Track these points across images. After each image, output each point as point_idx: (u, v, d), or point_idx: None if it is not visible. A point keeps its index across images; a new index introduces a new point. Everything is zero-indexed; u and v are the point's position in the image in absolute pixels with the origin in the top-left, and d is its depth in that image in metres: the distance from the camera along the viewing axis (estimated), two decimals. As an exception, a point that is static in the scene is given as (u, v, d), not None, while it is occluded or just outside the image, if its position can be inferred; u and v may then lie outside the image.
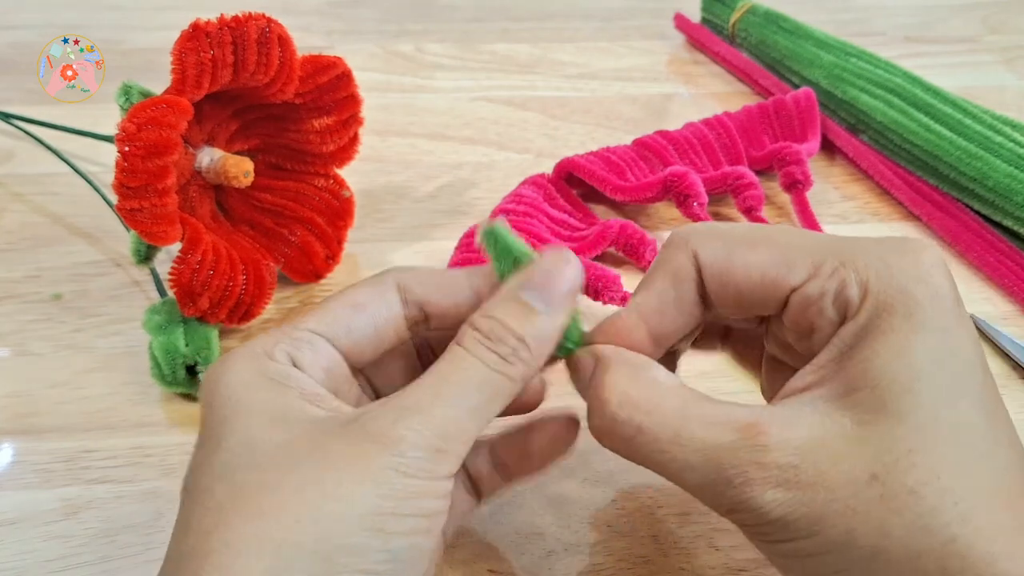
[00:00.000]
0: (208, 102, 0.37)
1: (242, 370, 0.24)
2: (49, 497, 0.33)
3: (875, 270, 0.23)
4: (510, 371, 0.24)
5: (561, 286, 0.25)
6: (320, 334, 0.25)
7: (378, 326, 0.26)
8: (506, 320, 0.24)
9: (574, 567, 0.31)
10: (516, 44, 0.62)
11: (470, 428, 0.23)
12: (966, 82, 0.59)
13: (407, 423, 0.22)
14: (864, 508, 0.22)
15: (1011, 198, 0.44)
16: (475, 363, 0.24)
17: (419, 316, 0.27)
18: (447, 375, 0.24)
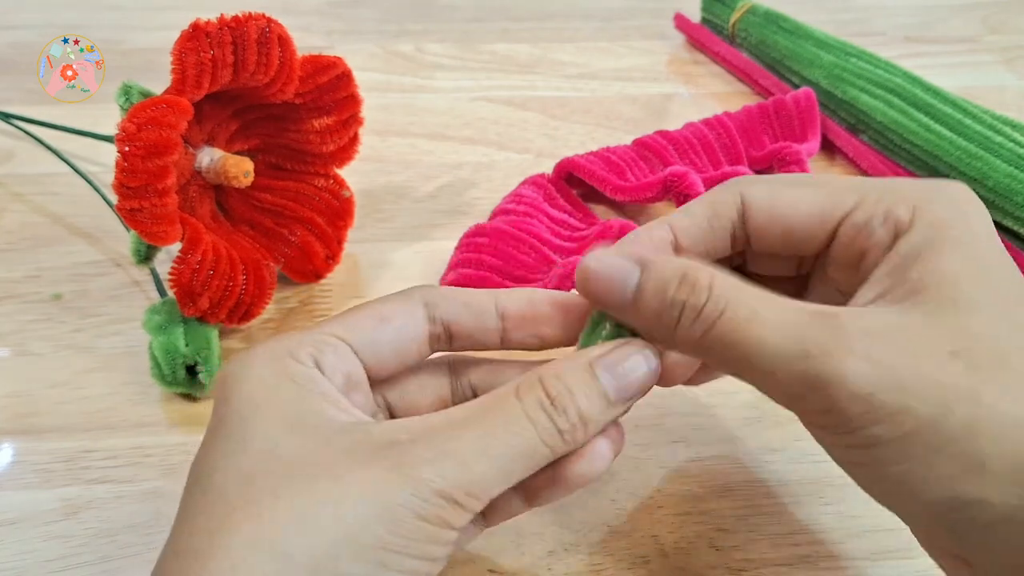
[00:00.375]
0: (208, 102, 0.37)
1: (264, 369, 0.24)
2: (49, 497, 0.33)
3: (921, 194, 0.24)
4: (558, 446, 0.23)
5: (636, 382, 0.24)
6: (344, 340, 0.25)
7: (402, 340, 0.26)
8: (576, 394, 0.24)
9: (574, 567, 0.31)
10: (516, 44, 0.62)
11: (496, 490, 0.23)
12: (966, 82, 0.59)
13: (442, 469, 0.22)
14: (952, 380, 0.21)
15: (1011, 198, 0.44)
16: (528, 428, 0.23)
17: (442, 334, 0.27)
18: (496, 430, 0.23)
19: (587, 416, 0.24)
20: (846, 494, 0.33)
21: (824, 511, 0.33)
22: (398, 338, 0.26)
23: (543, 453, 0.23)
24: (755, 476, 0.34)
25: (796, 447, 0.35)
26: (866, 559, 0.32)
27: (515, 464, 0.23)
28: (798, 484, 0.34)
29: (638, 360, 0.25)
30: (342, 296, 0.42)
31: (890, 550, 0.32)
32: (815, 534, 0.32)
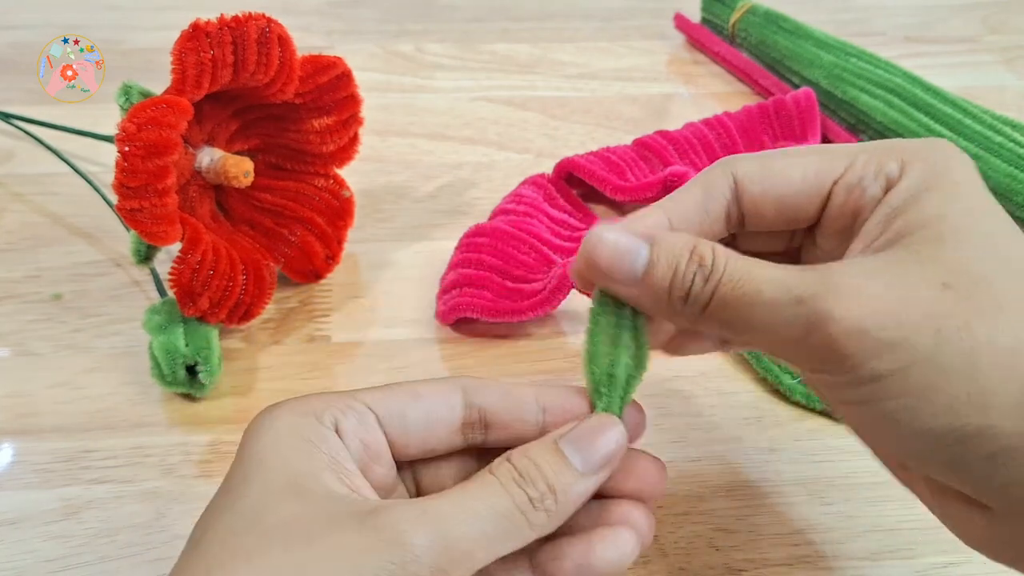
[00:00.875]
0: (208, 102, 0.37)
1: (282, 426, 0.24)
2: (49, 497, 0.33)
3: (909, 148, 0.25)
4: (532, 515, 0.23)
5: (601, 451, 0.25)
6: (371, 408, 0.25)
7: (432, 420, 0.26)
8: (542, 466, 0.24)
9: (574, 567, 0.31)
10: (516, 44, 0.62)
11: (477, 556, 0.23)
12: (966, 82, 0.59)
13: (419, 532, 0.22)
14: (946, 310, 0.21)
15: (1011, 198, 0.44)
16: (503, 494, 0.23)
17: (478, 422, 0.27)
18: (473, 494, 0.23)
19: (555, 486, 0.24)
20: (846, 494, 0.33)
21: (824, 511, 0.33)
22: (427, 416, 0.26)
23: (519, 522, 0.23)
24: (755, 476, 0.34)
25: (796, 447, 0.35)
26: (866, 559, 0.32)
27: (495, 528, 0.23)
28: (798, 484, 0.34)
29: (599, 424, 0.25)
30: (342, 296, 0.42)
31: (890, 550, 0.32)
32: (815, 534, 0.32)
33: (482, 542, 0.23)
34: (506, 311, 0.38)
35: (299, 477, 0.23)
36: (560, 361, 0.39)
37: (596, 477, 0.25)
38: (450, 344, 0.39)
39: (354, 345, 0.39)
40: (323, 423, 0.24)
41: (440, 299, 0.40)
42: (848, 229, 0.25)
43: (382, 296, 0.42)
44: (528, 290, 0.39)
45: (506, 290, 0.39)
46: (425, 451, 0.27)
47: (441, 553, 0.22)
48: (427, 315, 0.41)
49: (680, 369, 0.38)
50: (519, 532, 0.23)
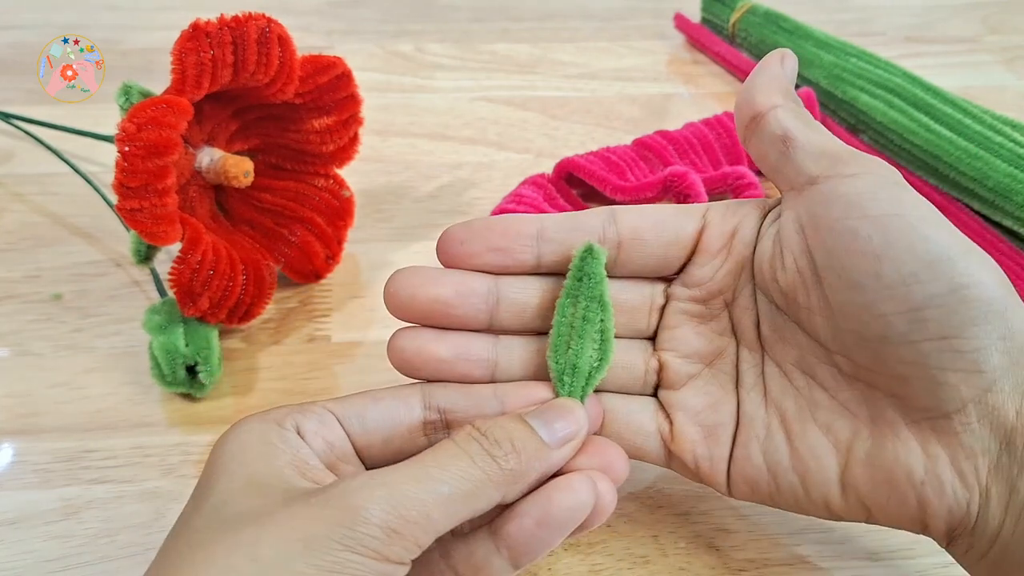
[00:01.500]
0: (208, 102, 0.37)
1: (246, 433, 0.25)
2: (49, 497, 0.33)
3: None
4: (495, 473, 0.24)
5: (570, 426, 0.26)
6: (332, 411, 0.26)
7: (391, 419, 0.27)
8: (509, 429, 0.25)
9: (574, 567, 0.31)
10: (516, 44, 0.62)
11: (436, 518, 0.23)
12: (966, 82, 0.59)
13: (368, 494, 0.22)
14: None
15: (1011, 198, 0.44)
16: (460, 455, 0.24)
17: (439, 422, 0.27)
18: (426, 461, 0.24)
19: (520, 446, 0.24)
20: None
21: (824, 511, 0.33)
22: (386, 416, 0.27)
23: (480, 480, 0.23)
24: (755, 476, 0.34)
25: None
26: (866, 559, 0.32)
27: (449, 488, 0.23)
28: (798, 484, 0.34)
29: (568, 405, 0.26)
30: (342, 296, 0.42)
31: (890, 550, 0.32)
32: (815, 534, 0.32)
33: (438, 504, 0.23)
34: (506, 311, 0.38)
35: (260, 476, 0.24)
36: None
37: (560, 451, 0.25)
38: (450, 344, 0.39)
39: (354, 345, 0.39)
40: (284, 427, 0.25)
41: (440, 299, 0.40)
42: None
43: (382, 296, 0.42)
44: (528, 290, 0.39)
45: (506, 290, 0.39)
46: (389, 451, 0.27)
47: (392, 514, 0.22)
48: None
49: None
50: (481, 491, 0.23)
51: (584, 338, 0.27)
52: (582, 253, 0.27)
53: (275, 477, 0.24)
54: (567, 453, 0.26)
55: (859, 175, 0.25)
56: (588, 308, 0.27)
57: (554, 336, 0.28)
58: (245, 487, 0.24)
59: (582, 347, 0.27)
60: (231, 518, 0.23)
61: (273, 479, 0.24)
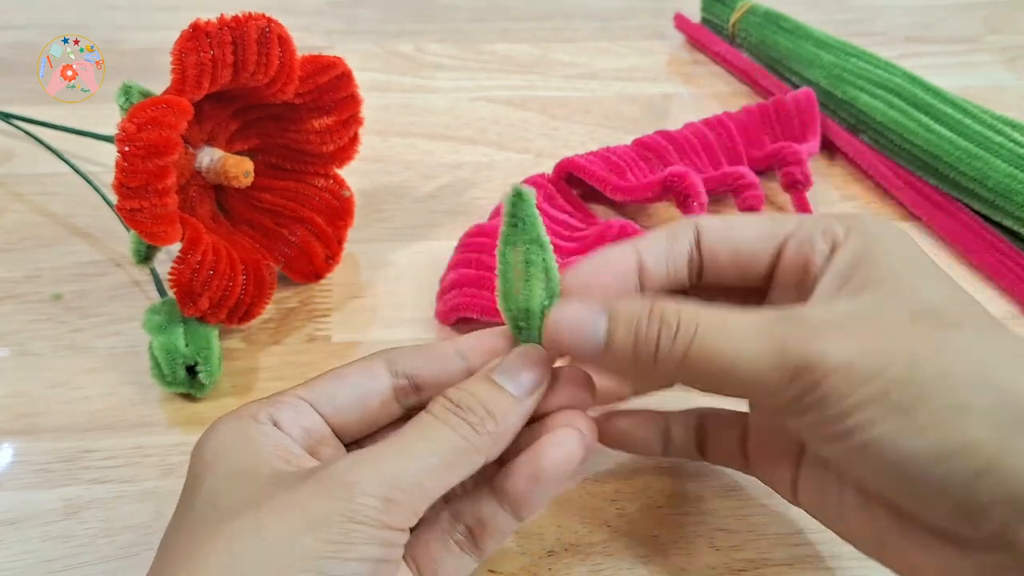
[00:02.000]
0: (208, 102, 0.37)
1: (223, 432, 0.26)
2: (49, 497, 0.33)
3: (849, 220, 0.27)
4: (475, 439, 0.25)
5: (534, 373, 0.27)
6: (303, 398, 0.27)
7: (361, 394, 0.28)
8: (478, 394, 0.26)
9: (574, 567, 0.31)
10: (516, 44, 0.62)
11: (428, 485, 0.24)
12: (966, 82, 0.59)
13: (359, 470, 0.23)
14: (917, 336, 0.23)
15: (1011, 198, 0.44)
16: (441, 427, 0.25)
17: (409, 387, 0.28)
18: (409, 434, 0.25)
19: (492, 409, 0.25)
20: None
21: (824, 511, 0.33)
22: (356, 392, 0.28)
23: (463, 447, 0.25)
24: (755, 476, 0.34)
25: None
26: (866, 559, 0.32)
27: (435, 459, 0.24)
28: (798, 484, 0.34)
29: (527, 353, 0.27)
30: (342, 296, 0.42)
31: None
32: (815, 534, 0.32)
33: (427, 473, 0.24)
34: (506, 311, 0.38)
35: (246, 467, 0.24)
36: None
37: (530, 400, 0.26)
38: (450, 344, 0.39)
39: (354, 345, 0.39)
40: (260, 421, 0.26)
41: (440, 299, 0.40)
42: (800, 284, 0.27)
43: (382, 296, 0.42)
44: (528, 290, 0.39)
45: (506, 290, 0.39)
46: (365, 425, 0.28)
47: (386, 486, 0.23)
48: (427, 315, 0.41)
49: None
50: (465, 457, 0.25)
51: (531, 280, 0.27)
52: (512, 199, 0.27)
53: (261, 466, 0.24)
54: (537, 399, 0.27)
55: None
56: (529, 251, 0.27)
57: (501, 284, 0.28)
58: (233, 479, 0.24)
59: (531, 290, 0.27)
60: (226, 508, 0.23)
61: (260, 468, 0.24)
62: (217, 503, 0.24)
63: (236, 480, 0.24)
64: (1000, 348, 0.23)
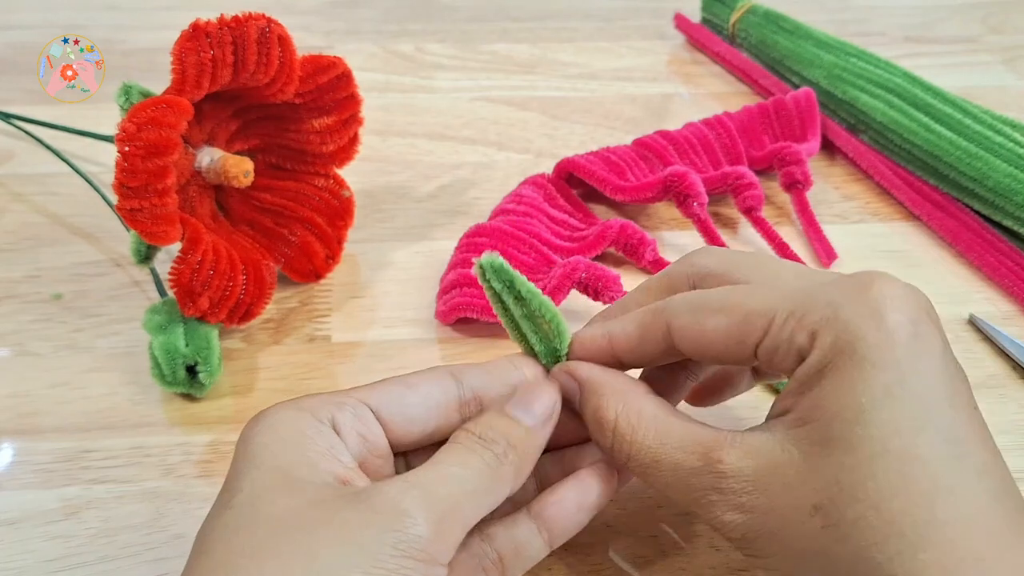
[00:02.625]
0: (208, 102, 0.37)
1: (277, 422, 0.25)
2: (49, 497, 0.33)
3: (822, 314, 0.24)
4: (501, 470, 0.25)
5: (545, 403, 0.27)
6: (366, 403, 0.27)
7: (427, 406, 0.28)
8: (496, 427, 0.26)
9: (574, 567, 0.31)
10: (516, 44, 0.62)
11: (467, 514, 0.24)
12: (966, 82, 0.59)
13: (411, 495, 0.23)
14: (809, 536, 0.23)
15: (1011, 198, 0.44)
16: (472, 456, 0.25)
17: (472, 400, 0.28)
18: (446, 460, 0.25)
19: (513, 440, 0.26)
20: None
21: (824, 511, 0.33)
22: (423, 404, 0.28)
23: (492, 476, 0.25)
24: (755, 476, 0.34)
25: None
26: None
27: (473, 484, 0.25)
28: (798, 484, 0.34)
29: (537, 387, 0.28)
30: (342, 296, 0.42)
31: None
32: (815, 534, 0.32)
33: (467, 498, 0.24)
34: (506, 311, 0.38)
35: (290, 468, 0.24)
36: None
37: (545, 430, 0.27)
38: (450, 344, 0.39)
39: (354, 345, 0.39)
40: (320, 419, 0.25)
41: (440, 299, 0.40)
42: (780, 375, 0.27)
43: (382, 296, 0.42)
44: (528, 290, 0.39)
45: (506, 290, 0.39)
46: (426, 435, 0.28)
47: (434, 513, 0.23)
48: (427, 315, 0.41)
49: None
50: (495, 486, 0.25)
51: (537, 331, 0.29)
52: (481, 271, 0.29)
53: (306, 470, 0.24)
54: (551, 427, 0.27)
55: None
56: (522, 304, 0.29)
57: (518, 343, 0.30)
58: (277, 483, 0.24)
59: (539, 338, 0.29)
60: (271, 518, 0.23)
61: (303, 472, 0.24)
62: (258, 507, 0.23)
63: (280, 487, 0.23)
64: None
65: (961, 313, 0.42)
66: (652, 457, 0.26)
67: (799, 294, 0.25)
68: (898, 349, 0.23)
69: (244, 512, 0.23)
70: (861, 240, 0.46)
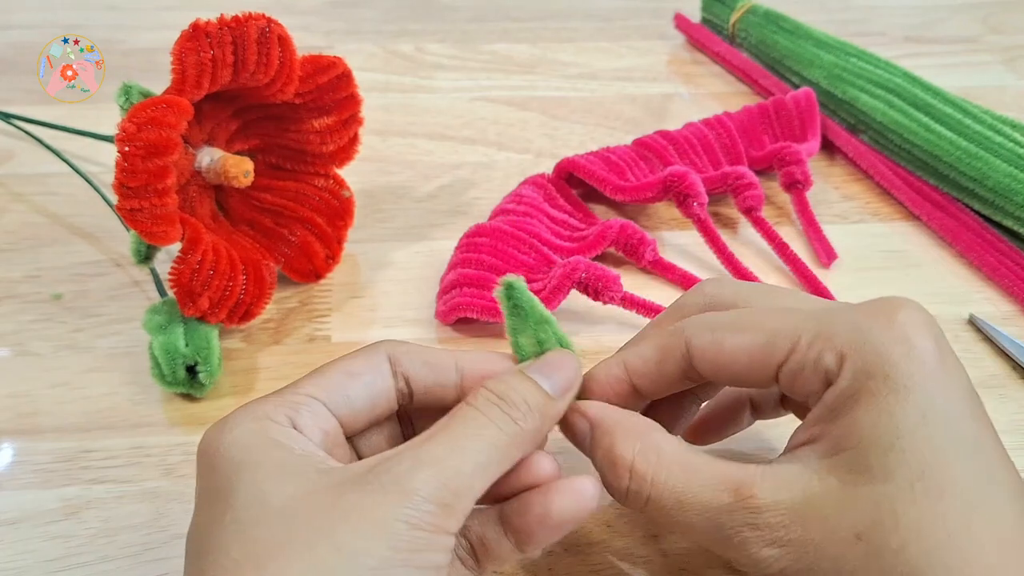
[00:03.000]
0: (208, 102, 0.37)
1: (243, 432, 0.25)
2: (49, 497, 0.33)
3: (849, 337, 0.24)
4: (518, 435, 0.25)
5: (567, 374, 0.27)
6: (318, 398, 0.26)
7: (373, 395, 0.27)
8: (519, 388, 0.26)
9: (574, 567, 0.31)
10: (516, 44, 0.62)
11: (476, 486, 0.24)
12: (966, 82, 0.59)
13: (422, 475, 0.23)
14: (851, 567, 0.23)
15: (1011, 198, 0.44)
16: (486, 422, 0.25)
17: (405, 388, 0.28)
18: (458, 431, 0.24)
19: (533, 403, 0.25)
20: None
21: (824, 511, 0.33)
22: (368, 393, 0.27)
23: (508, 442, 0.25)
24: (755, 476, 0.34)
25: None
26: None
27: (485, 456, 0.24)
28: (798, 484, 0.34)
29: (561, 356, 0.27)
30: (342, 296, 0.42)
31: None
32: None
33: (478, 471, 0.24)
34: (506, 311, 0.38)
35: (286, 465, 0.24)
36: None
37: (564, 401, 0.27)
38: (450, 344, 0.39)
39: (354, 345, 0.39)
40: (280, 423, 0.25)
41: (440, 299, 0.40)
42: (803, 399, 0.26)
43: (382, 296, 0.42)
44: (528, 290, 0.39)
45: (506, 290, 0.39)
46: (370, 423, 0.28)
47: (443, 490, 0.23)
48: (427, 315, 0.41)
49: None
50: (509, 452, 0.25)
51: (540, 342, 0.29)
52: (504, 291, 0.28)
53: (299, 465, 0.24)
54: (568, 402, 0.27)
55: None
56: (537, 331, 0.28)
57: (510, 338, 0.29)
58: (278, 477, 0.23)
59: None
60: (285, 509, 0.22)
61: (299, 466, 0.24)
62: (267, 503, 0.23)
63: (281, 479, 0.23)
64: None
65: (961, 313, 0.42)
66: (676, 498, 0.25)
67: (824, 315, 0.25)
68: (928, 374, 0.24)
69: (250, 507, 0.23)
70: (861, 240, 0.46)
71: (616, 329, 0.40)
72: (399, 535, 0.22)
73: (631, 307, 0.39)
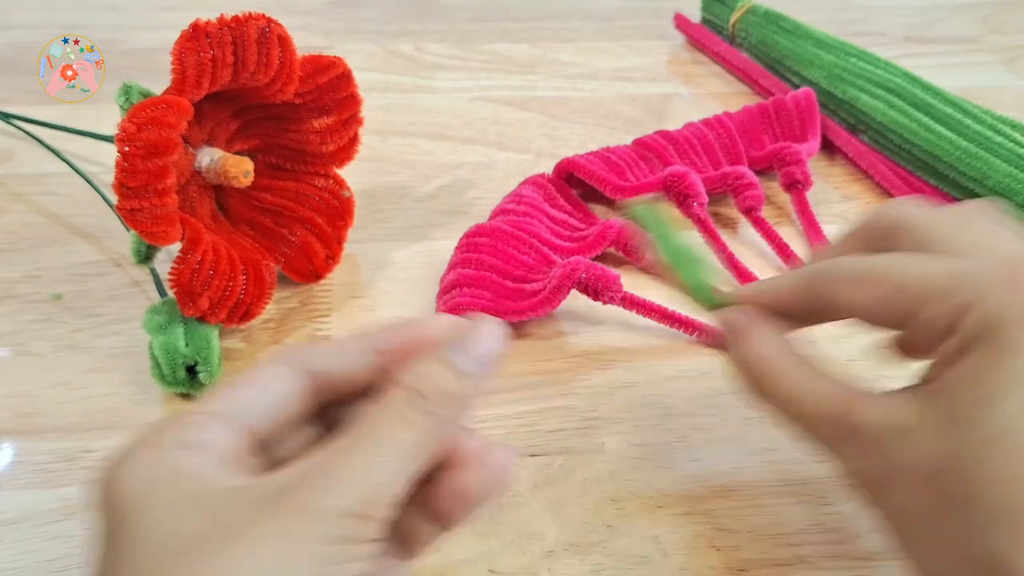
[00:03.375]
0: (208, 102, 0.37)
1: (136, 465, 0.23)
2: (49, 497, 0.33)
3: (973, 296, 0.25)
4: (434, 425, 0.24)
5: (487, 349, 0.26)
6: (215, 413, 0.25)
7: (272, 400, 0.26)
8: (431, 377, 0.25)
9: (574, 567, 0.31)
10: (516, 44, 0.62)
11: (395, 491, 0.23)
12: (966, 82, 0.59)
13: (335, 491, 0.22)
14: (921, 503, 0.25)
15: (1011, 198, 0.44)
16: (398, 425, 0.24)
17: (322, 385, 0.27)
18: (369, 438, 0.24)
19: (450, 387, 0.25)
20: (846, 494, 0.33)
21: (824, 511, 0.33)
22: (266, 400, 0.26)
23: (423, 438, 0.24)
24: (755, 476, 0.34)
25: (796, 447, 0.35)
26: (866, 559, 0.32)
27: (400, 461, 0.23)
28: (798, 484, 0.34)
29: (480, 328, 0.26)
30: (342, 296, 0.42)
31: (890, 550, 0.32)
32: (815, 534, 0.32)
33: (398, 477, 0.23)
34: (506, 311, 0.38)
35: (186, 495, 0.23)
36: (560, 361, 0.39)
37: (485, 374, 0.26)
38: (450, 344, 0.39)
39: (354, 345, 0.39)
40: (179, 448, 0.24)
41: (440, 299, 0.40)
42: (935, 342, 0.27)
43: (382, 296, 0.42)
44: (528, 290, 0.39)
45: (506, 290, 0.39)
46: (281, 424, 0.27)
47: (358, 503, 0.22)
48: (427, 315, 0.41)
49: (681, 369, 0.38)
50: (425, 450, 0.24)
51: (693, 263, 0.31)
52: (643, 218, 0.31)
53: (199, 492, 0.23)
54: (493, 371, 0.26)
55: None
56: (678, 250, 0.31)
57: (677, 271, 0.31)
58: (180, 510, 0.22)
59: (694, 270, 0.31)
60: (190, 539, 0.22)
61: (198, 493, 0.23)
62: (174, 538, 0.22)
63: (184, 511, 0.22)
64: None
65: (961, 313, 0.42)
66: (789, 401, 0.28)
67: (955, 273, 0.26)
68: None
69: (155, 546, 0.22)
70: (861, 240, 0.46)
71: (616, 329, 0.40)
72: (315, 554, 0.21)
73: (631, 307, 0.39)
